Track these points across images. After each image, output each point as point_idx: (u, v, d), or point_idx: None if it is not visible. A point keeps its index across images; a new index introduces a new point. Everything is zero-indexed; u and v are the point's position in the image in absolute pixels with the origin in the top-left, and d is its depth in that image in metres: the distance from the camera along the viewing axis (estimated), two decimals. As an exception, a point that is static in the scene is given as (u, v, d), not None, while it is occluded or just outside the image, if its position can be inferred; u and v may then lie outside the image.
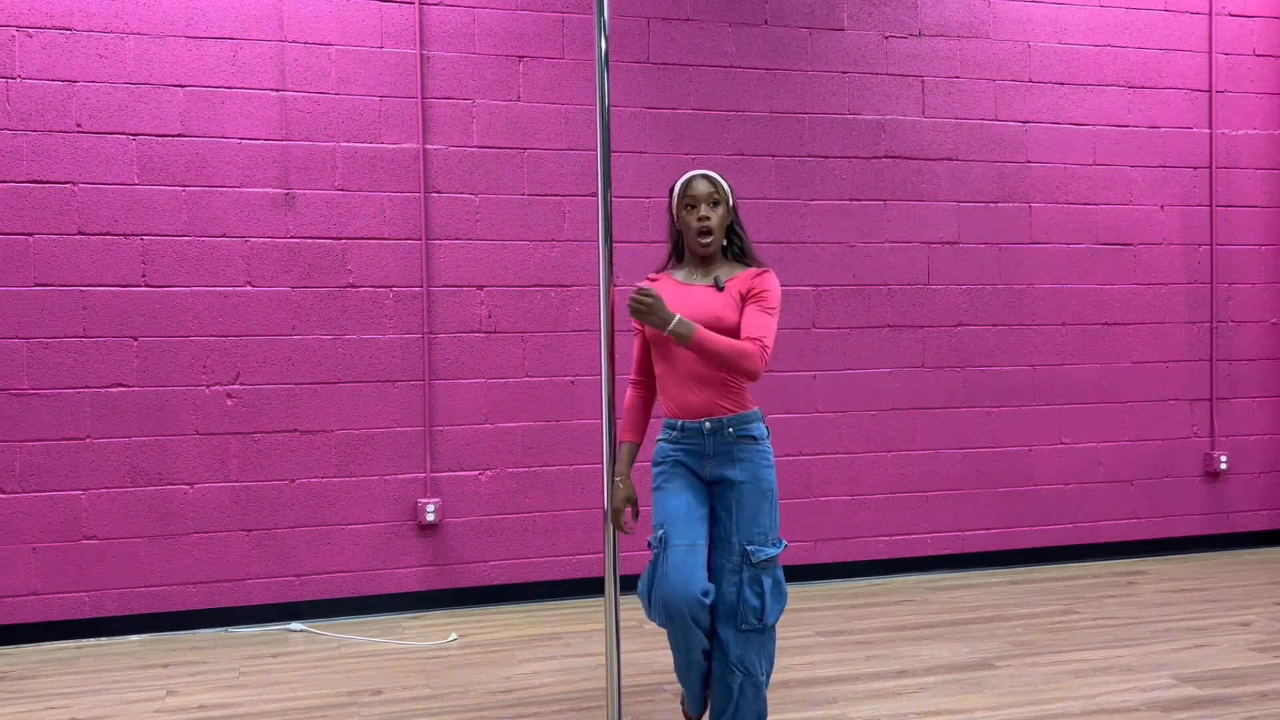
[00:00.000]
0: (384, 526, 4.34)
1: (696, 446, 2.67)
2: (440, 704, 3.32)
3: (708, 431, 2.65)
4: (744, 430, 2.66)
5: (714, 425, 2.65)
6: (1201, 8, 5.24)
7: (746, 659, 2.65)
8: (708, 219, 2.67)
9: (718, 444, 2.66)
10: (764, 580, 2.63)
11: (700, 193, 2.68)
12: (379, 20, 4.30)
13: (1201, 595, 4.52)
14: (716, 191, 2.69)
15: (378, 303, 4.32)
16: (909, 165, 4.90)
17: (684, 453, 2.69)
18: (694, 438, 2.67)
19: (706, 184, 2.69)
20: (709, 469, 2.68)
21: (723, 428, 2.65)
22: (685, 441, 2.69)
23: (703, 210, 2.68)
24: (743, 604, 2.62)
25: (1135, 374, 5.20)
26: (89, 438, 4.04)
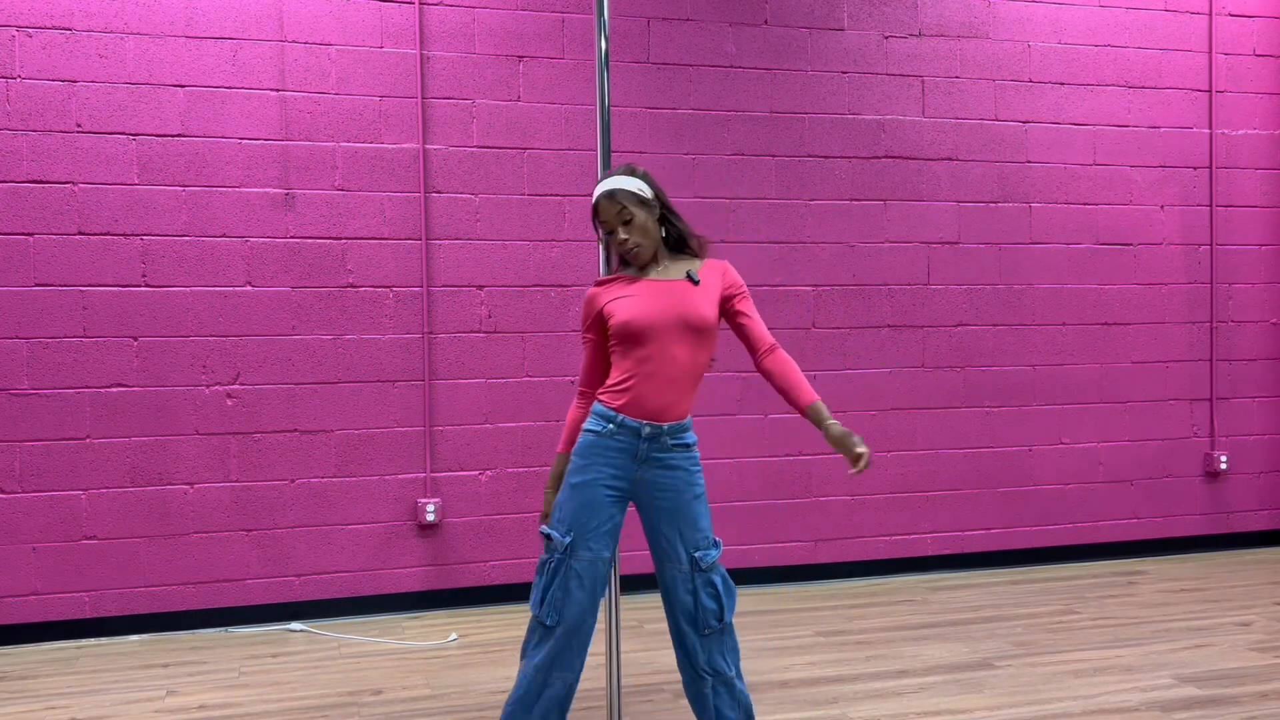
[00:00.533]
0: (384, 526, 4.34)
1: (629, 446, 2.55)
2: (440, 704, 3.32)
3: (646, 435, 2.55)
4: (680, 439, 2.60)
5: (653, 431, 2.55)
6: (1201, 8, 5.24)
7: (714, 661, 2.62)
8: (627, 240, 2.56)
9: (652, 449, 2.56)
10: (715, 581, 2.59)
11: (608, 217, 2.57)
12: (379, 20, 4.30)
13: (1201, 595, 4.52)
14: (625, 208, 2.55)
15: (378, 303, 4.32)
16: (909, 165, 4.90)
17: (613, 451, 2.56)
18: (629, 438, 2.55)
19: (611, 205, 2.56)
20: (639, 471, 2.57)
21: (661, 434, 2.56)
22: (619, 438, 2.55)
23: (619, 234, 2.56)
24: (701, 610, 2.57)
25: (1135, 374, 5.20)
26: (89, 438, 4.04)
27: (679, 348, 2.56)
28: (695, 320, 2.56)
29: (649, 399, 2.55)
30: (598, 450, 2.56)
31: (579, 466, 2.58)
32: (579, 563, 2.53)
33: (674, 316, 2.55)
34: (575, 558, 2.53)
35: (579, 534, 2.53)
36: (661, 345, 2.55)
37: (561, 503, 2.58)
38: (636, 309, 2.55)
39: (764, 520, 4.73)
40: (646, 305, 2.55)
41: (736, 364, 4.67)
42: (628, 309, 2.55)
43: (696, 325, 2.56)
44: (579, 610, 2.54)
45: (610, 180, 2.59)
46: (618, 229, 2.57)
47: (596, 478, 2.55)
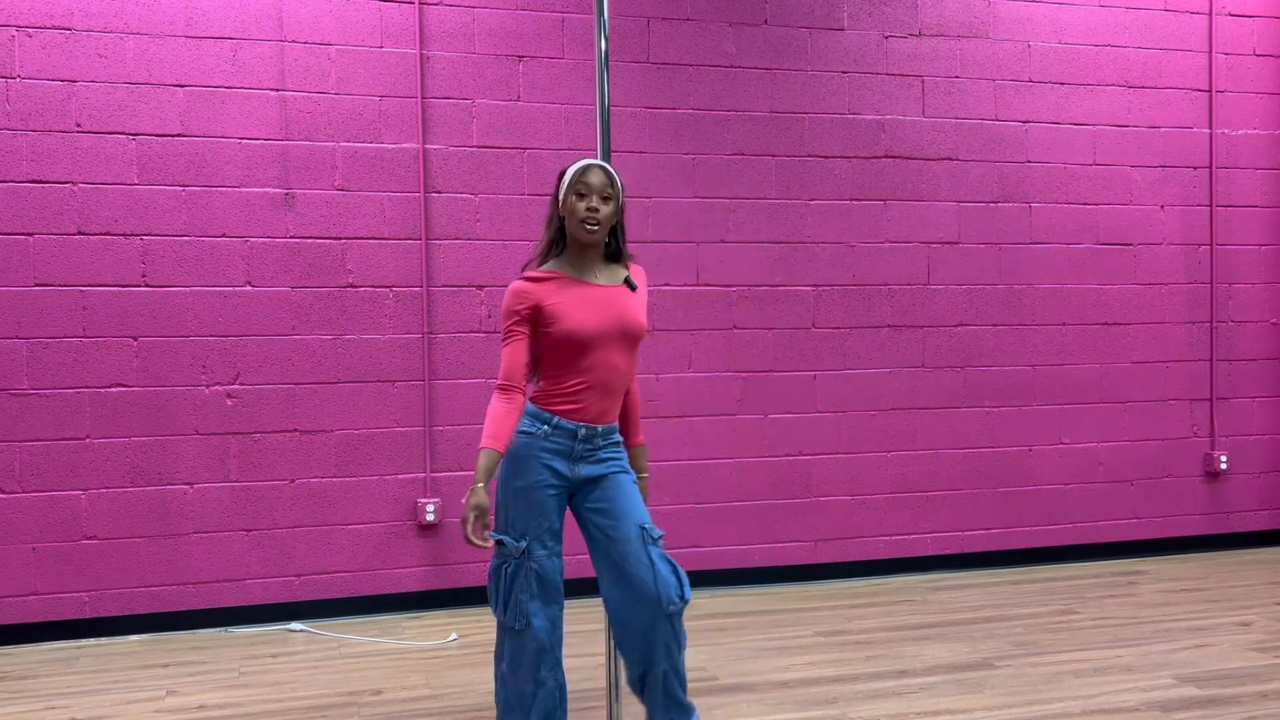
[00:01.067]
0: (384, 526, 4.34)
1: (565, 447, 2.59)
2: (440, 704, 3.32)
3: (580, 437, 2.59)
4: (611, 438, 2.66)
5: (589, 432, 2.60)
6: (1201, 8, 5.24)
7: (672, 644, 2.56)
8: (596, 211, 2.55)
9: (587, 449, 2.61)
10: (667, 556, 2.59)
11: (595, 183, 2.56)
12: (379, 20, 4.30)
13: (1201, 595, 4.52)
14: (610, 187, 2.57)
15: (378, 303, 4.32)
16: (909, 165, 4.90)
17: (551, 452, 2.58)
18: (565, 438, 2.58)
19: (603, 176, 2.57)
20: (575, 470, 2.61)
21: (597, 435, 2.61)
22: (555, 439, 2.58)
23: (594, 201, 2.55)
24: (661, 581, 2.51)
25: (1135, 374, 5.20)
26: (89, 438, 4.04)
27: (618, 356, 2.60)
28: (635, 329, 2.61)
29: (591, 407, 2.59)
30: (533, 452, 2.58)
31: (516, 470, 2.58)
32: (536, 562, 2.57)
33: (617, 326, 2.58)
34: (532, 558, 2.57)
35: (532, 535, 2.57)
36: (604, 354, 2.58)
37: (506, 506, 2.60)
38: (583, 318, 2.55)
39: (764, 520, 4.73)
40: (592, 314, 2.56)
41: (737, 364, 4.68)
42: (574, 317, 2.54)
43: (635, 334, 2.61)
44: (546, 608, 2.58)
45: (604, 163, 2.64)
46: (595, 197, 2.56)
47: (538, 479, 2.58)
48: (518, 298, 2.56)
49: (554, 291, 2.57)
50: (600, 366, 2.58)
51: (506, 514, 2.59)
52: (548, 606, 2.59)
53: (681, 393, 4.62)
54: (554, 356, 2.59)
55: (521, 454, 2.58)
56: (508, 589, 2.57)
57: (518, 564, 2.56)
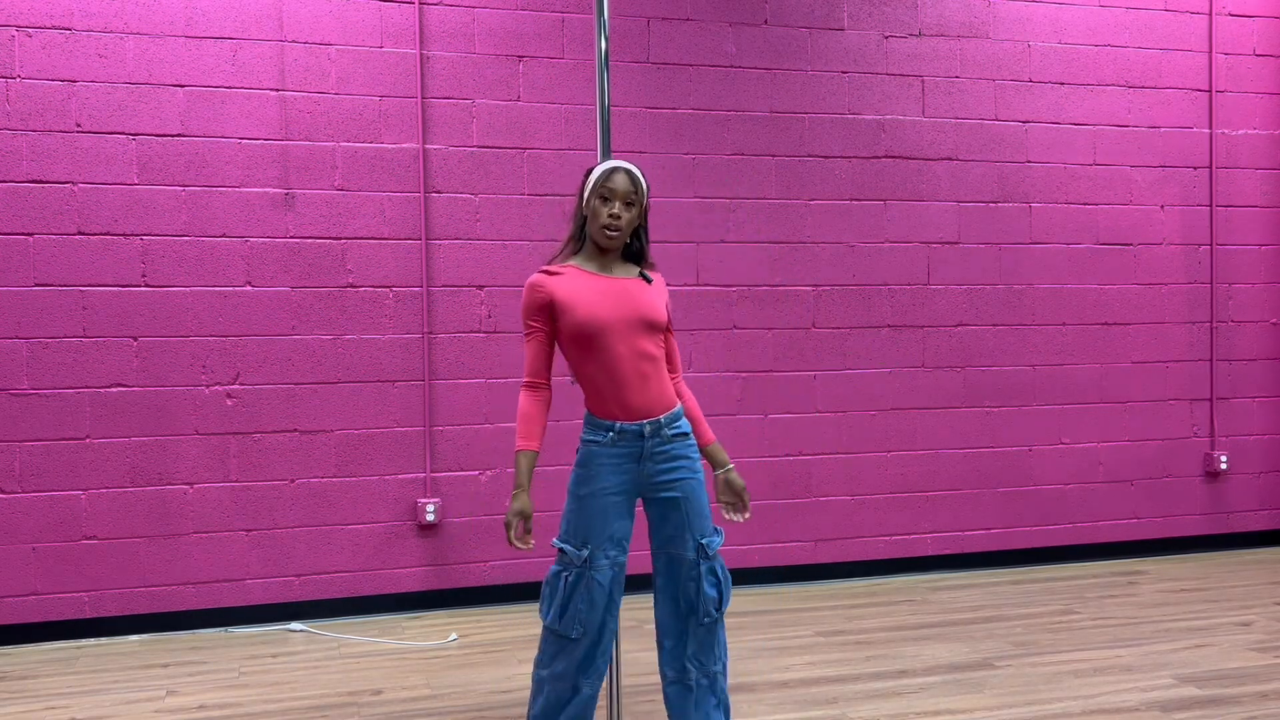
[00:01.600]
0: (384, 526, 4.34)
1: (634, 450, 2.56)
2: (440, 704, 3.32)
3: (648, 434, 2.56)
4: (677, 428, 2.61)
5: (652, 427, 2.57)
6: (1201, 8, 5.24)
7: (703, 654, 2.64)
8: (618, 217, 2.54)
9: (655, 445, 2.57)
10: (717, 570, 2.63)
11: (619, 188, 2.54)
12: (379, 20, 4.30)
13: (1201, 595, 4.51)
14: (635, 192, 2.56)
15: (378, 303, 4.32)
16: (909, 165, 4.90)
17: (620, 457, 2.56)
18: (633, 441, 2.55)
19: (627, 182, 2.55)
20: (646, 470, 2.58)
21: (660, 428, 2.57)
22: (622, 445, 2.55)
23: (616, 207, 2.54)
24: (702, 598, 2.59)
25: (1135, 374, 5.20)
26: (89, 438, 4.04)
27: (640, 343, 2.55)
28: (651, 316, 2.57)
29: (626, 400, 2.54)
30: (601, 460, 2.56)
31: (583, 477, 2.57)
32: (598, 573, 2.54)
33: (632, 313, 2.55)
34: (594, 568, 2.54)
35: (595, 544, 2.54)
36: (628, 343, 2.54)
37: (571, 514, 2.57)
38: (597, 308, 2.53)
39: (764, 520, 4.73)
40: (606, 303, 2.54)
41: (737, 364, 4.67)
42: (587, 307, 2.53)
43: (653, 321, 2.57)
44: (601, 618, 2.56)
45: (632, 166, 2.60)
46: (618, 203, 2.54)
47: (603, 487, 2.55)
48: (533, 291, 2.57)
49: (568, 283, 2.56)
50: (627, 356, 2.54)
51: (571, 522, 2.56)
52: (604, 617, 2.57)
53: (681, 393, 4.62)
54: (575, 351, 2.58)
55: (588, 462, 2.57)
56: (566, 597, 2.54)
57: (579, 573, 2.54)
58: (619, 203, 2.54)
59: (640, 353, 2.55)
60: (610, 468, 2.55)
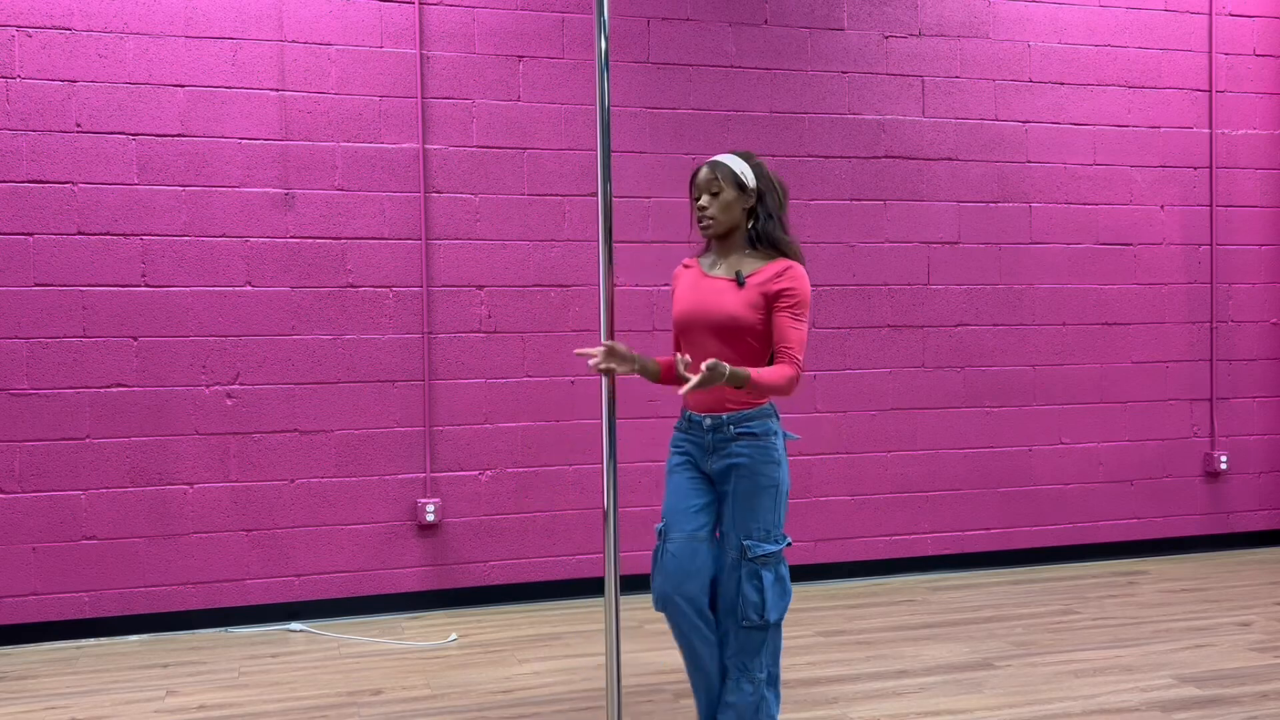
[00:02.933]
0: (384, 526, 4.34)
1: (699, 439, 2.70)
2: (440, 704, 3.32)
3: (708, 427, 2.67)
4: (745, 427, 2.64)
5: (714, 422, 2.66)
6: (1201, 8, 5.24)
7: (743, 655, 2.65)
8: (705, 209, 2.67)
9: (717, 440, 2.66)
10: (763, 575, 2.62)
11: (700, 182, 2.69)
12: (379, 20, 4.30)
13: (1201, 595, 4.52)
14: (717, 179, 2.65)
15: (377, 303, 4.32)
16: (909, 165, 4.90)
17: (689, 444, 2.73)
18: (697, 431, 2.70)
19: (708, 172, 2.67)
20: (710, 463, 2.69)
21: (723, 424, 2.65)
22: (690, 433, 2.73)
23: (702, 200, 2.68)
24: (741, 599, 2.62)
25: (1135, 374, 5.20)
26: (89, 438, 4.04)
27: (711, 342, 2.65)
28: (721, 321, 2.63)
29: (699, 394, 2.65)
30: (677, 441, 2.78)
31: (669, 461, 2.80)
32: (672, 544, 2.66)
33: (704, 316, 2.66)
34: (668, 540, 2.68)
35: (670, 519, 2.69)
36: (699, 341, 2.68)
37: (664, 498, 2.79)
38: (682, 304, 2.72)
39: (764, 520, 4.73)
40: (689, 300, 2.71)
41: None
42: (678, 303, 2.74)
43: (723, 326, 2.63)
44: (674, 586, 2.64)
45: (727, 154, 2.73)
46: (703, 196, 2.67)
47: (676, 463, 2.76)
48: (672, 280, 2.86)
49: (685, 277, 2.78)
50: (699, 354, 2.68)
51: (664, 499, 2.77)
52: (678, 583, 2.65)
53: (681, 393, 4.62)
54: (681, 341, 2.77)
55: (673, 447, 2.79)
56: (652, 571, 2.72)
57: (658, 546, 2.70)
58: (704, 194, 2.67)
59: (709, 353, 2.66)
60: (684, 451, 2.75)
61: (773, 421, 2.68)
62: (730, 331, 2.62)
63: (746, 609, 2.62)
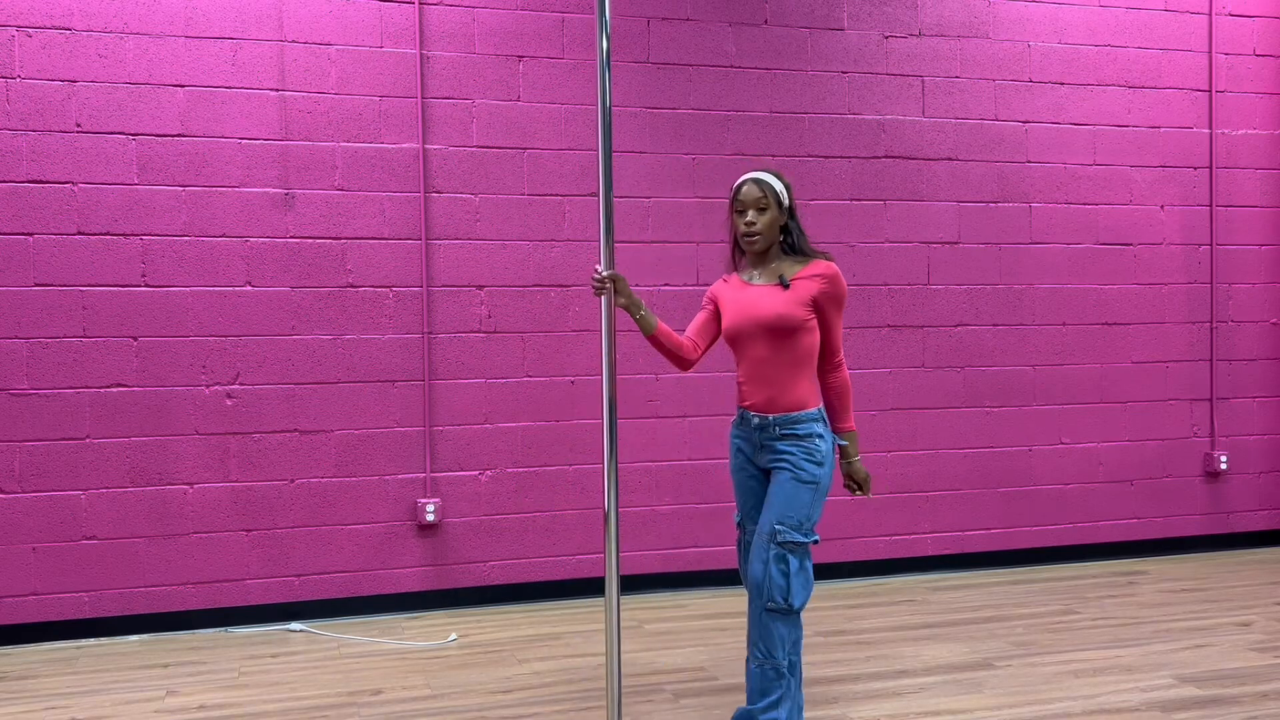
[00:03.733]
0: (384, 526, 4.34)
1: (750, 436, 2.90)
2: (440, 704, 3.32)
3: (755, 426, 2.85)
4: (791, 429, 2.80)
5: (761, 422, 2.84)
6: (1201, 8, 5.23)
7: (767, 639, 2.76)
8: (754, 224, 2.82)
9: (765, 438, 2.84)
10: (790, 560, 2.74)
11: (748, 199, 2.83)
12: (379, 20, 4.30)
13: (1201, 595, 4.52)
14: (765, 197, 2.82)
15: (377, 303, 4.32)
16: (909, 165, 4.89)
17: (743, 441, 2.93)
18: (747, 429, 2.90)
19: (756, 190, 2.83)
20: (760, 458, 2.88)
21: (769, 425, 2.82)
22: (742, 430, 2.93)
23: (750, 216, 2.83)
24: (769, 580, 2.74)
25: (1135, 374, 5.20)
26: (89, 438, 4.04)
27: (762, 347, 2.82)
28: (771, 321, 2.79)
29: (750, 395, 2.87)
30: (734, 441, 2.98)
31: (731, 459, 3.00)
32: (748, 535, 2.95)
33: (754, 321, 2.82)
34: (746, 533, 2.96)
35: (744, 513, 2.97)
36: (751, 348, 2.85)
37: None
38: (732, 316, 2.87)
39: (764, 520, 4.73)
40: (737, 311, 2.86)
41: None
42: (728, 315, 2.89)
43: (773, 326, 2.79)
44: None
45: (760, 172, 2.89)
46: (749, 211, 2.84)
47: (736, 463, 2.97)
48: (710, 291, 3.01)
49: (727, 290, 2.94)
50: (750, 359, 2.86)
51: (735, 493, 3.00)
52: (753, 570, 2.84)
53: (682, 393, 4.62)
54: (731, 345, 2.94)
55: (732, 445, 2.99)
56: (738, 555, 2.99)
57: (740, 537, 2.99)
58: (751, 210, 2.84)
59: (760, 357, 2.83)
60: (739, 449, 2.95)
61: (818, 425, 2.83)
62: (779, 331, 2.80)
63: (773, 591, 2.74)
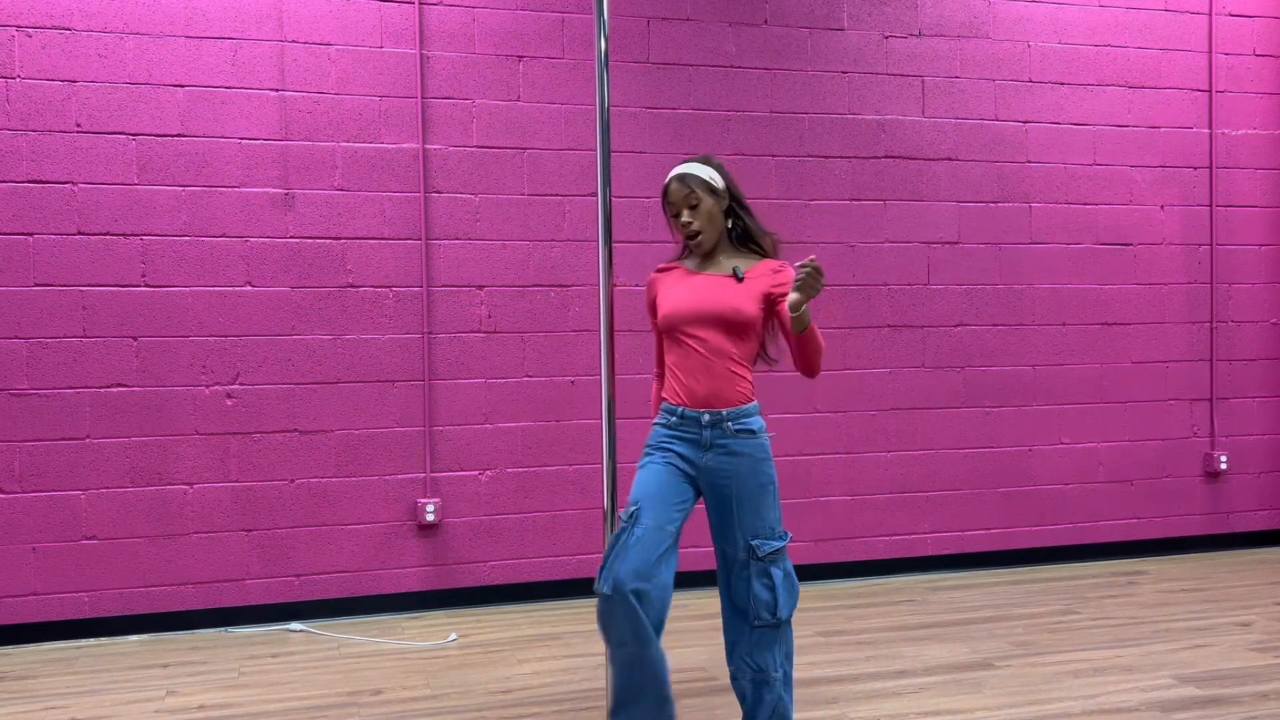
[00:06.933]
0: (384, 526, 4.34)
1: (694, 436, 2.63)
2: (440, 704, 3.32)
3: (706, 423, 2.62)
4: (743, 424, 2.64)
5: (713, 418, 2.62)
6: (1201, 8, 5.24)
7: (757, 656, 2.62)
8: (690, 223, 2.66)
9: (715, 436, 2.62)
10: (773, 573, 2.61)
11: (677, 198, 2.67)
12: (379, 20, 4.30)
13: (1201, 595, 4.51)
14: (693, 192, 2.65)
15: (377, 303, 4.32)
16: (909, 165, 4.89)
17: (679, 440, 2.65)
18: (692, 427, 2.63)
19: (681, 187, 2.66)
20: (705, 460, 2.63)
21: (722, 420, 2.62)
22: (683, 429, 2.65)
23: (684, 216, 2.67)
24: (753, 599, 2.59)
25: (1135, 374, 5.20)
26: (89, 438, 4.04)
27: (711, 337, 2.62)
28: (727, 314, 2.61)
29: (699, 390, 2.63)
30: (665, 440, 2.67)
31: (646, 452, 2.69)
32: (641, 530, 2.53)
33: (706, 309, 2.62)
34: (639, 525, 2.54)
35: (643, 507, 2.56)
36: (697, 338, 2.63)
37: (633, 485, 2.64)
38: (676, 304, 2.66)
39: (764, 520, 4.73)
40: (684, 300, 2.65)
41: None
42: (669, 304, 2.67)
43: (728, 318, 2.62)
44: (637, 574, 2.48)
45: (684, 165, 2.69)
46: (683, 212, 2.66)
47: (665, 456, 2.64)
48: (647, 288, 2.81)
49: (666, 280, 2.74)
50: (696, 349, 2.64)
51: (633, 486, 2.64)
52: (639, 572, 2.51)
53: (681, 393, 4.61)
54: (664, 343, 2.74)
55: (655, 441, 2.69)
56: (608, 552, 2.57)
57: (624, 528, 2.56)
58: (684, 209, 2.67)
59: (710, 348, 2.63)
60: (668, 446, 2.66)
61: (761, 418, 2.69)
62: (733, 324, 2.62)
63: (759, 609, 2.59)
